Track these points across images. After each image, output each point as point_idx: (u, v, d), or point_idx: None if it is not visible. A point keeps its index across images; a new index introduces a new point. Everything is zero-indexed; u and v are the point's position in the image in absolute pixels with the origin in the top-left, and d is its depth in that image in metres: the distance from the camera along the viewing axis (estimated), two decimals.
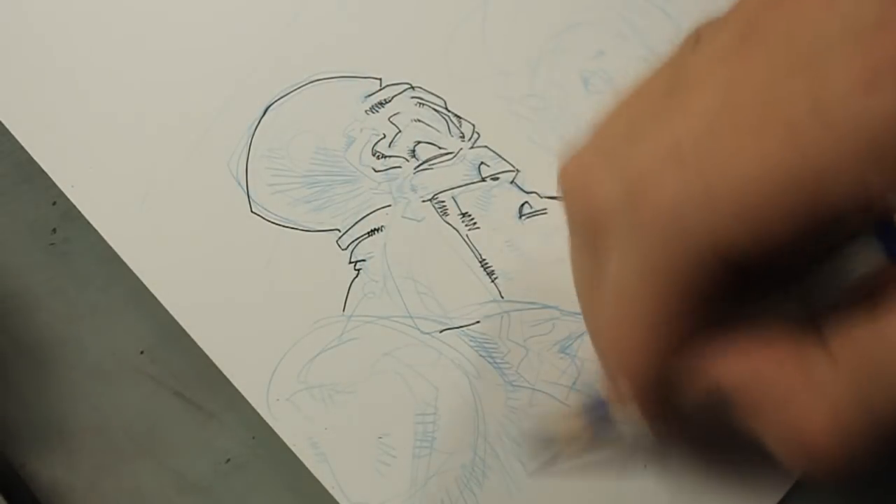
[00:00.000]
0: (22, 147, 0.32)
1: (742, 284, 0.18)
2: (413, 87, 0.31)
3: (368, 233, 0.29)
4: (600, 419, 0.24)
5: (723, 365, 0.19)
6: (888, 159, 0.15)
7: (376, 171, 0.30)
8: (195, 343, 0.28)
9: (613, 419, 0.23)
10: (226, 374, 0.28)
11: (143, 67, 0.33)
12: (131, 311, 0.30)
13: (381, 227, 0.30)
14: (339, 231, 0.30)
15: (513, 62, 0.32)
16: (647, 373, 0.19)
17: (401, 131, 0.31)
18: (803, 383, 0.17)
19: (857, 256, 0.17)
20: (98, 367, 0.29)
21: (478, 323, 0.28)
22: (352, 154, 0.31)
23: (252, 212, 0.30)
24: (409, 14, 0.33)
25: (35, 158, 0.31)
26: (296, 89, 0.32)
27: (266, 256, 0.29)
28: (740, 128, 0.16)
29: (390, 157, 0.31)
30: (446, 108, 0.31)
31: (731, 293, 0.18)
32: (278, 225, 0.30)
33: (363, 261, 0.29)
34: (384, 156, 0.31)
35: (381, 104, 0.31)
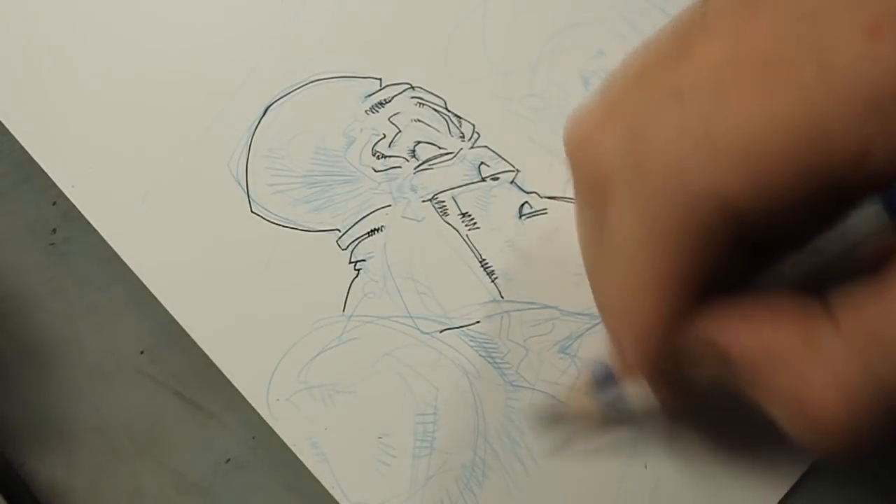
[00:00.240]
0: (22, 147, 0.32)
1: (747, 251, 0.18)
2: (413, 87, 0.31)
3: (368, 233, 0.29)
4: (609, 392, 0.23)
5: (730, 334, 0.18)
6: (890, 111, 0.15)
7: (376, 171, 0.30)
8: (195, 343, 0.28)
9: (623, 392, 0.23)
10: (226, 374, 0.28)
11: (144, 67, 0.33)
12: (131, 311, 0.30)
13: (381, 227, 0.30)
14: (339, 231, 0.30)
15: (513, 62, 0.32)
16: (652, 337, 0.19)
17: (401, 131, 0.31)
18: (810, 355, 0.17)
19: (863, 226, 0.17)
20: (98, 367, 0.29)
21: (478, 323, 0.28)
22: (352, 154, 0.31)
23: (252, 212, 0.30)
24: (409, 14, 0.33)
25: (35, 158, 0.31)
26: (296, 89, 0.32)
27: (266, 256, 0.29)
28: (744, 78, 0.16)
29: (390, 157, 0.31)
30: (446, 108, 0.31)
31: (737, 259, 0.18)
32: (278, 225, 0.30)
33: (363, 261, 0.29)
34: (384, 156, 0.31)
35: (381, 104, 0.31)
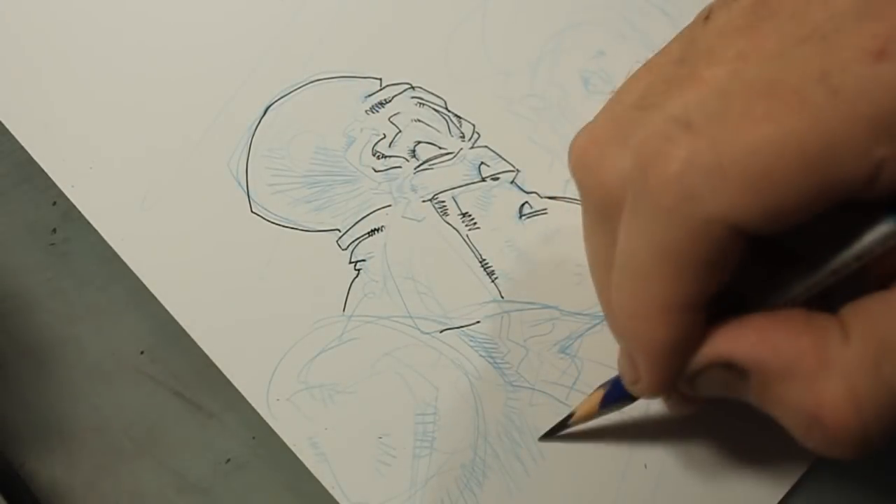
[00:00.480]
0: (22, 147, 0.31)
1: (756, 260, 0.18)
2: (413, 87, 0.31)
3: (368, 233, 0.29)
4: (617, 397, 0.23)
5: (739, 340, 0.18)
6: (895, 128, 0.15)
7: (376, 171, 0.30)
8: (195, 343, 0.28)
9: (630, 396, 0.23)
10: (226, 374, 0.28)
11: (144, 67, 0.33)
12: (131, 311, 0.30)
13: (382, 227, 0.30)
14: (340, 231, 0.30)
15: (513, 62, 0.32)
16: (666, 358, 0.19)
17: (401, 131, 0.31)
18: (822, 366, 0.17)
19: (874, 242, 0.17)
20: (98, 367, 0.29)
21: (478, 323, 0.28)
22: (352, 154, 0.31)
23: (252, 212, 0.30)
24: (409, 14, 0.33)
25: (35, 158, 0.31)
26: (296, 89, 0.32)
27: (266, 256, 0.29)
28: (750, 97, 0.16)
29: (390, 157, 0.31)
30: (446, 108, 0.31)
31: (746, 270, 0.18)
32: (278, 225, 0.30)
33: (363, 261, 0.29)
34: (384, 156, 0.31)
35: (382, 104, 0.31)
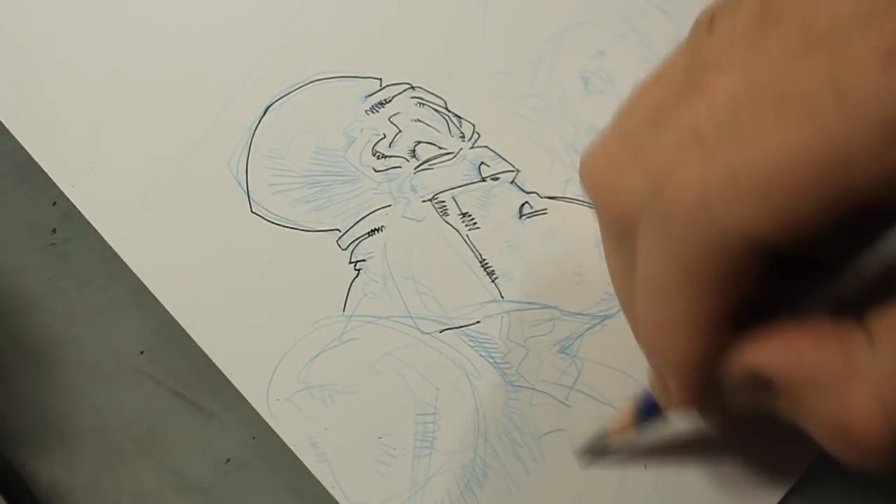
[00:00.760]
0: (22, 147, 0.31)
1: (778, 271, 0.18)
2: (413, 87, 0.31)
3: (368, 233, 0.29)
4: (650, 415, 0.24)
5: (770, 358, 0.18)
6: None
7: (376, 171, 0.30)
8: (195, 343, 0.28)
9: (663, 413, 0.23)
10: (226, 374, 0.28)
11: (144, 67, 0.33)
12: (131, 311, 0.30)
13: (382, 227, 0.30)
14: (340, 231, 0.30)
15: (513, 62, 0.32)
16: (693, 371, 0.19)
17: (401, 131, 0.31)
18: (849, 375, 0.17)
19: (894, 238, 0.17)
20: (98, 367, 0.29)
21: (478, 323, 0.28)
22: (352, 154, 0.31)
23: (252, 212, 0.30)
24: (409, 14, 0.33)
25: (35, 158, 0.31)
26: (296, 89, 0.32)
27: (266, 256, 0.29)
28: (760, 108, 0.16)
29: (390, 157, 0.31)
30: (446, 108, 0.31)
31: (768, 281, 0.18)
32: (278, 225, 0.30)
33: (363, 261, 0.29)
34: (384, 156, 0.31)
35: (382, 104, 0.31)
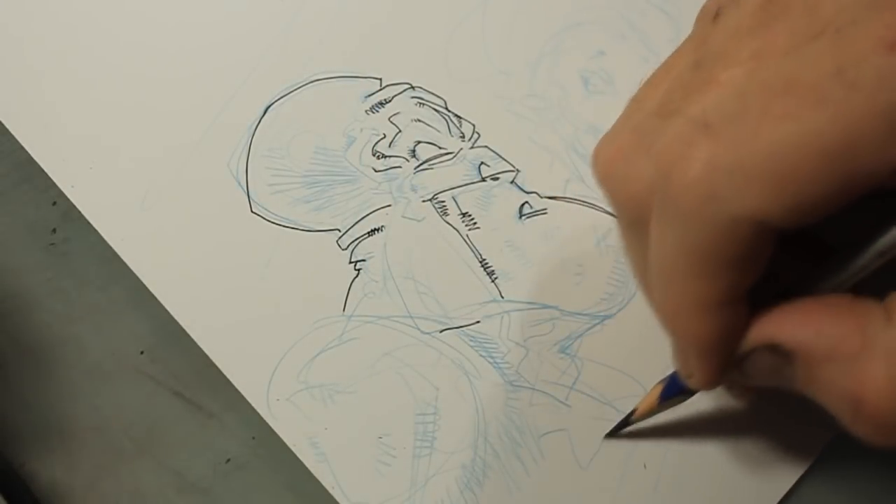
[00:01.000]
0: (22, 147, 0.31)
1: (799, 249, 0.18)
2: (413, 87, 0.31)
3: (368, 233, 0.29)
4: (676, 392, 0.24)
5: (783, 323, 0.18)
6: None
7: (376, 171, 0.30)
8: (195, 343, 0.28)
9: (688, 391, 0.23)
10: (226, 374, 0.28)
11: (143, 67, 0.33)
12: (131, 311, 0.30)
13: (381, 227, 0.30)
14: (339, 231, 0.30)
15: (512, 62, 0.32)
16: (714, 350, 0.19)
17: (401, 131, 0.31)
18: (866, 349, 0.17)
19: None
20: (98, 367, 0.29)
21: (478, 323, 0.28)
22: (352, 154, 0.31)
23: (252, 212, 0.30)
24: (408, 14, 0.33)
25: (35, 158, 0.31)
26: (296, 89, 0.32)
27: (266, 256, 0.29)
28: (768, 97, 0.16)
29: (390, 157, 0.31)
30: (446, 108, 0.31)
31: (788, 258, 0.18)
32: (278, 225, 0.30)
33: (363, 261, 0.29)
34: (384, 156, 0.31)
35: (381, 104, 0.31)
